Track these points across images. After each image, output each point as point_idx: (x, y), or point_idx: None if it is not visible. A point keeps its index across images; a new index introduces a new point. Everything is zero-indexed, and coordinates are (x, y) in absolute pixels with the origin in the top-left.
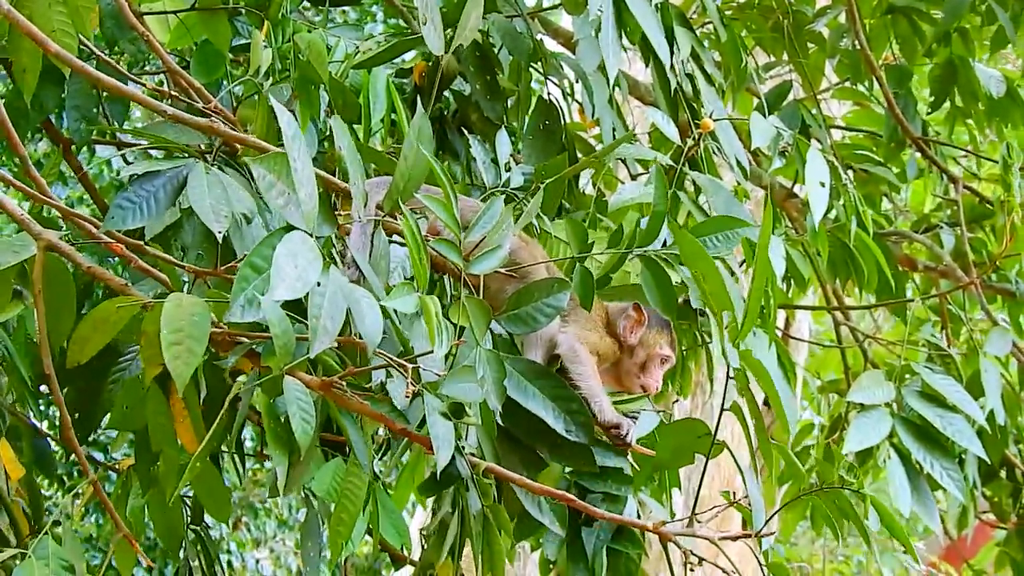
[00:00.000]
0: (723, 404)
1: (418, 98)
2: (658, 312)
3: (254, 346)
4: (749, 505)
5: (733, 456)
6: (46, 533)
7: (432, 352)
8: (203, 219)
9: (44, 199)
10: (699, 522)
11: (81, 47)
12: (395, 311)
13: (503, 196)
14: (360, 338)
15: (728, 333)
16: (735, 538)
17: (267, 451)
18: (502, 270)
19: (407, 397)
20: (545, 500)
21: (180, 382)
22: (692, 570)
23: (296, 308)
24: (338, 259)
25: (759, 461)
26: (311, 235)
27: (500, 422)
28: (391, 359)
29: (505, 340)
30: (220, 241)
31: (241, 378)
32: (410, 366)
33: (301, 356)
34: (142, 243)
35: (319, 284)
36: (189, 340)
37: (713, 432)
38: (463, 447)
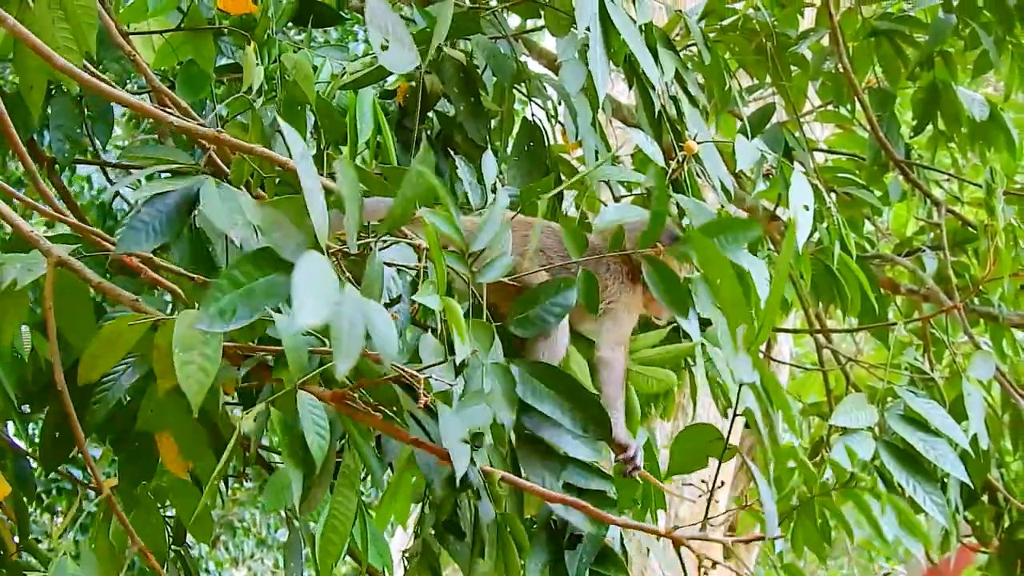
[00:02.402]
0: (735, 409)
1: (403, 119)
2: (670, 231)
3: (267, 359)
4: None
5: (746, 460)
6: (65, 554)
7: (445, 361)
8: (220, 227)
9: (55, 215)
10: (712, 526)
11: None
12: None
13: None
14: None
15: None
16: (747, 541)
17: (250, 469)
18: (506, 279)
19: (420, 408)
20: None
21: (194, 401)
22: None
23: None
24: None
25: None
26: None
27: (512, 438)
28: (403, 370)
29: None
30: (239, 245)
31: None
32: (422, 376)
33: (312, 370)
34: (151, 255)
35: (337, 304)
36: (201, 359)
37: (726, 437)
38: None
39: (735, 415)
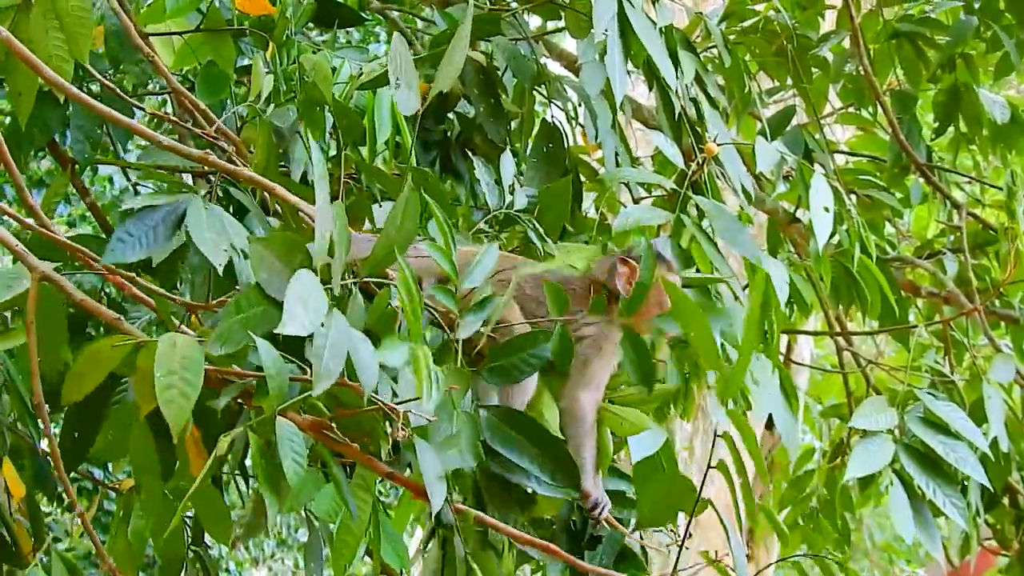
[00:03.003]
0: (710, 461)
1: (423, 119)
2: (658, 249)
3: (247, 386)
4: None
5: (719, 515)
6: (36, 565)
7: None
8: (205, 253)
9: (42, 231)
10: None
11: (82, 70)
12: None
13: (498, 237)
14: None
15: (720, 385)
16: None
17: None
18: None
19: (398, 440)
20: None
21: (175, 426)
22: None
23: (287, 348)
24: None
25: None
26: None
27: (477, 479)
28: (383, 403)
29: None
30: (220, 272)
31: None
32: (401, 410)
33: (293, 397)
34: (133, 275)
35: (323, 326)
36: (182, 384)
37: (699, 489)
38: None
39: (709, 467)
